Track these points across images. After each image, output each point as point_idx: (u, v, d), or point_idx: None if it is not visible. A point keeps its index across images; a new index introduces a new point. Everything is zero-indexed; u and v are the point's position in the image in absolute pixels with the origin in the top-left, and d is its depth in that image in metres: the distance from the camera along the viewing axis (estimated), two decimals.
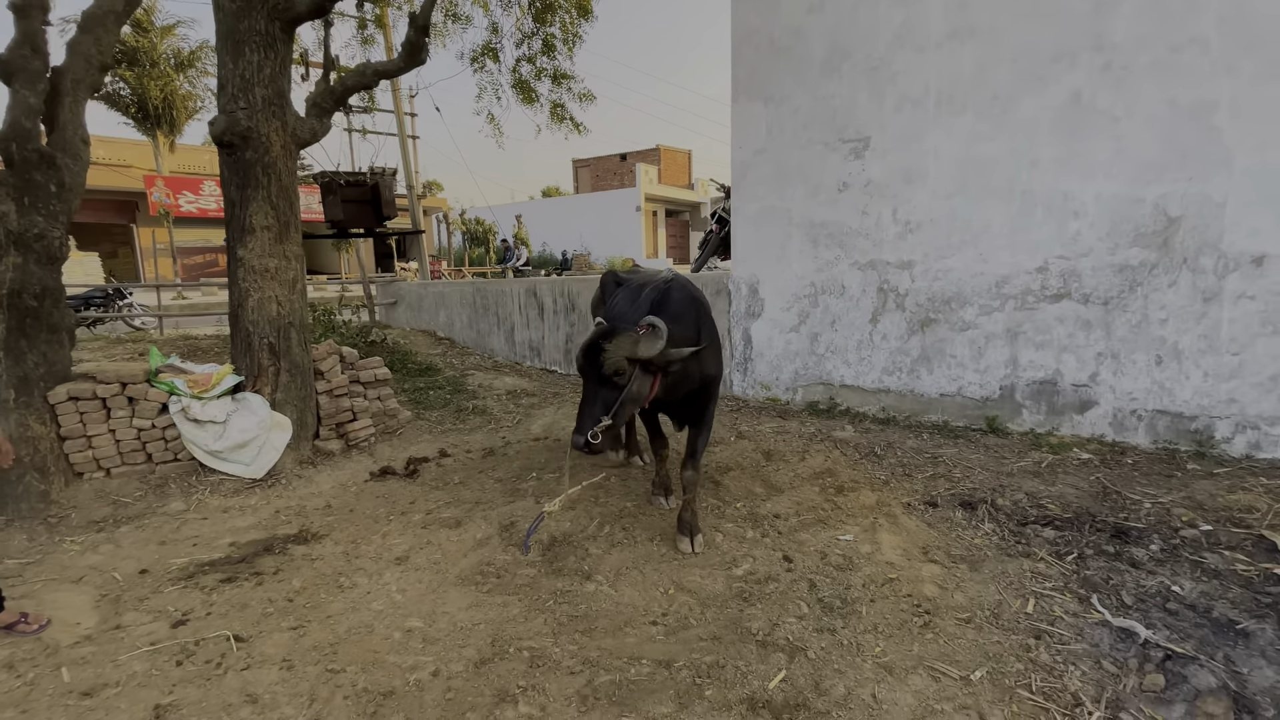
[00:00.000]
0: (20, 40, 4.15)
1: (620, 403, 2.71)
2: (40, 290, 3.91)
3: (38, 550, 3.37)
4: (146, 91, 19.32)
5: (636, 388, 2.76)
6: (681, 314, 3.02)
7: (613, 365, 2.69)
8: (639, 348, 2.68)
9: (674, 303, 3.02)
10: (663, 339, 2.71)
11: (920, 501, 3.65)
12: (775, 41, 5.30)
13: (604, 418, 2.69)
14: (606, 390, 2.73)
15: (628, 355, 2.68)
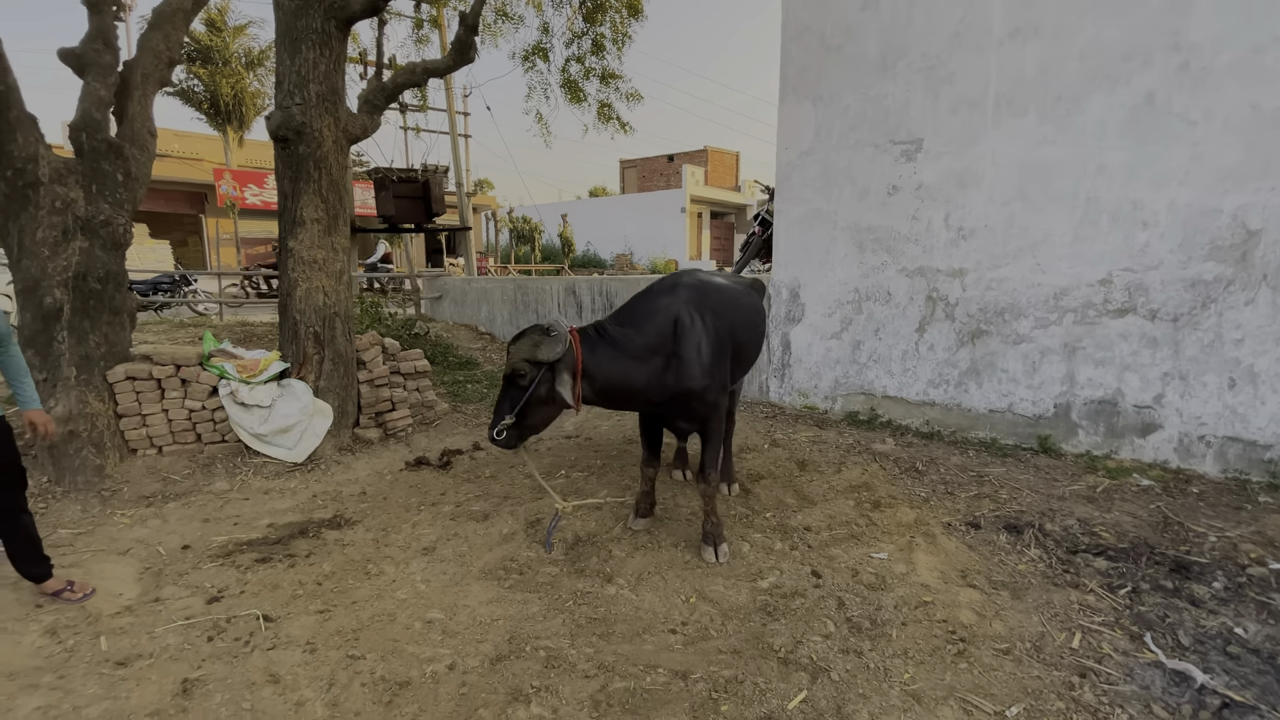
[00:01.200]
0: (93, 34, 4.39)
1: (526, 403, 2.76)
2: (104, 274, 4.12)
3: (90, 521, 3.55)
4: (218, 88, 20.32)
5: (545, 390, 2.77)
6: (642, 323, 2.98)
7: (511, 365, 2.80)
8: (538, 351, 2.72)
9: (637, 313, 3.04)
10: (561, 344, 2.73)
11: (962, 522, 3.48)
12: (826, 40, 5.16)
13: (508, 416, 2.78)
14: (513, 389, 2.82)
15: (525, 357, 2.74)
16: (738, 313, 3.28)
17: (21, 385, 2.72)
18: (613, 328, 2.96)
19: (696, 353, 2.96)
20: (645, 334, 2.93)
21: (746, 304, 3.44)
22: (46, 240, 3.90)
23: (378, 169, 9.68)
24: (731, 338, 3.16)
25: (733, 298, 3.31)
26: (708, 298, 3.13)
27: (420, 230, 10.17)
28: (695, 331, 2.98)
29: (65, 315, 3.93)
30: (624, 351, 2.88)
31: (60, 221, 3.96)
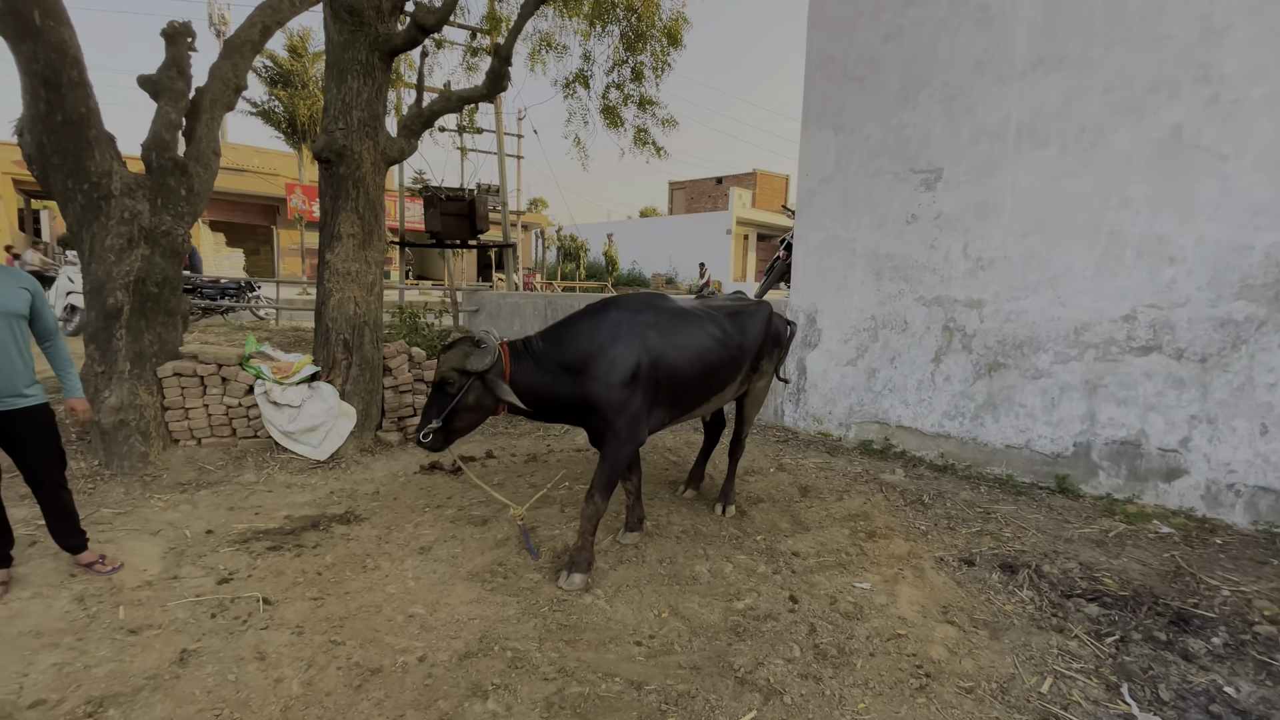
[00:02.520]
0: (169, 63, 4.87)
1: (453, 409, 2.88)
2: (161, 279, 4.52)
3: (130, 503, 3.88)
4: (296, 109, 21.77)
5: (472, 398, 2.89)
6: (563, 340, 3.05)
7: (441, 373, 2.91)
8: (467, 361, 2.84)
9: (564, 330, 3.10)
10: (490, 355, 2.85)
11: (956, 558, 3.40)
12: (849, 70, 5.20)
13: (435, 420, 2.90)
14: (441, 396, 2.94)
15: (455, 366, 2.87)
16: (681, 340, 3.15)
17: (67, 374, 2.96)
18: (538, 343, 3.06)
19: (606, 373, 2.95)
20: (563, 351, 3.01)
21: (705, 332, 3.27)
22: (113, 247, 4.33)
23: (427, 187, 10.20)
24: (661, 365, 3.04)
25: (680, 326, 3.19)
26: (640, 322, 3.07)
27: (464, 246, 10.61)
28: (611, 353, 2.96)
29: (125, 315, 4.34)
30: (543, 366, 3.00)
31: (126, 230, 4.38)
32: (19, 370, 2.73)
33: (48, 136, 4.05)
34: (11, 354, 2.69)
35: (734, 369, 3.44)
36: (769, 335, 3.70)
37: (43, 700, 2.16)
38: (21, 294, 2.74)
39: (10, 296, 2.70)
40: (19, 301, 2.72)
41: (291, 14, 6.12)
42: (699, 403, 3.39)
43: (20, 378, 2.74)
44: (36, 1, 3.69)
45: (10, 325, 2.68)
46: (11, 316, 2.68)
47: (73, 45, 3.97)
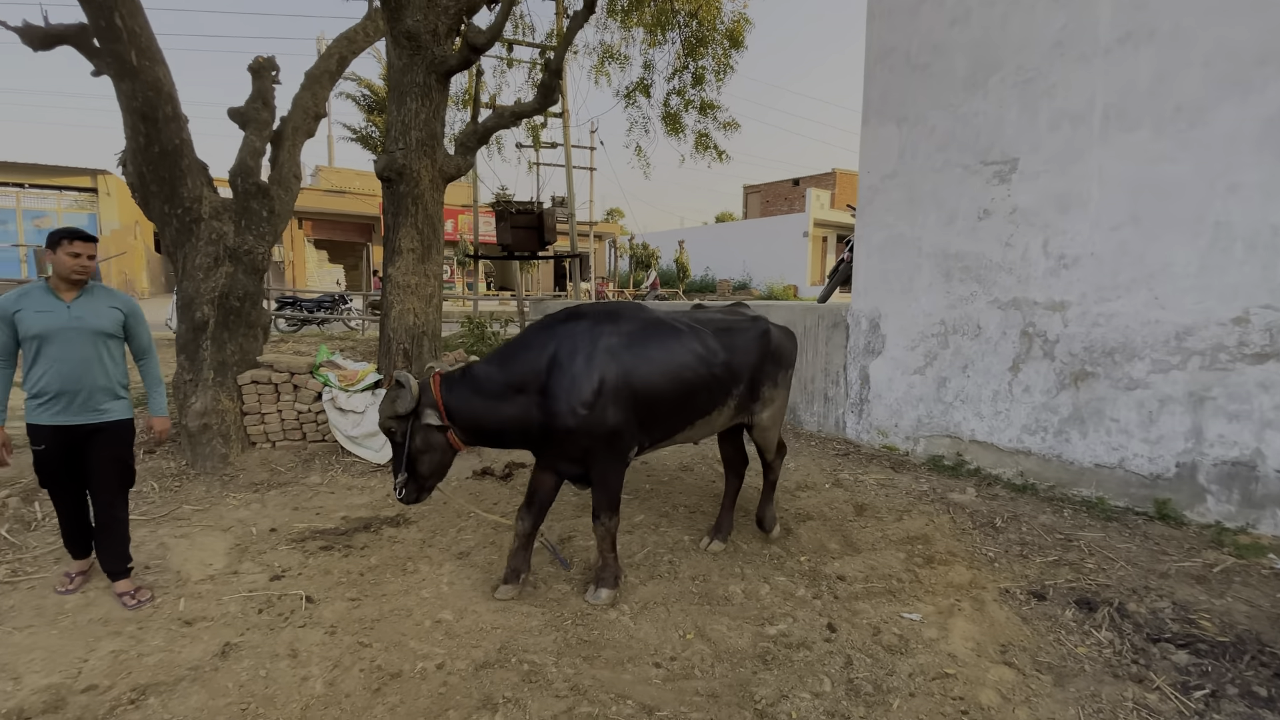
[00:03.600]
0: (254, 96, 5.31)
1: (409, 457, 2.77)
2: (244, 294, 4.91)
3: (209, 500, 4.20)
4: None
5: (420, 440, 2.76)
6: (509, 359, 2.86)
7: (381, 428, 2.84)
8: (396, 406, 2.74)
9: (512, 348, 2.93)
10: (408, 394, 2.72)
11: (1025, 590, 3.06)
12: (912, 59, 4.88)
13: (401, 473, 2.80)
14: (395, 448, 2.84)
15: (389, 415, 2.77)
16: (654, 353, 2.88)
17: (155, 393, 3.09)
18: (479, 366, 2.90)
19: (569, 393, 2.70)
20: (508, 370, 2.80)
21: (683, 346, 2.96)
22: (202, 265, 4.74)
23: (499, 201, 10.56)
24: (632, 381, 2.78)
25: (653, 339, 2.91)
26: (604, 333, 2.82)
27: (534, 257, 10.88)
28: (571, 370, 2.73)
29: (210, 328, 4.73)
30: (484, 390, 2.78)
31: (213, 250, 4.79)
32: (100, 385, 2.83)
33: (147, 167, 4.49)
34: (94, 370, 2.81)
35: (720, 391, 3.05)
36: (767, 355, 3.23)
37: (95, 685, 2.34)
38: (113, 314, 2.88)
39: (100, 316, 2.84)
40: (109, 321, 2.85)
41: (366, 44, 6.53)
42: (679, 427, 3.05)
43: (102, 393, 2.84)
44: (134, 43, 4.10)
45: (96, 342, 2.81)
46: (99, 335, 2.82)
47: (167, 82, 4.39)
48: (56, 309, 2.77)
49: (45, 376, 2.75)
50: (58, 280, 2.81)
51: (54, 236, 2.80)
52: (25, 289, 2.81)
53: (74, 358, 2.77)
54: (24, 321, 2.73)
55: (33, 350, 2.76)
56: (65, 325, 2.76)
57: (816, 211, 23.64)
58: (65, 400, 2.77)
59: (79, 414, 2.81)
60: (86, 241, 2.81)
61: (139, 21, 4.22)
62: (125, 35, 4.13)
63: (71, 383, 2.77)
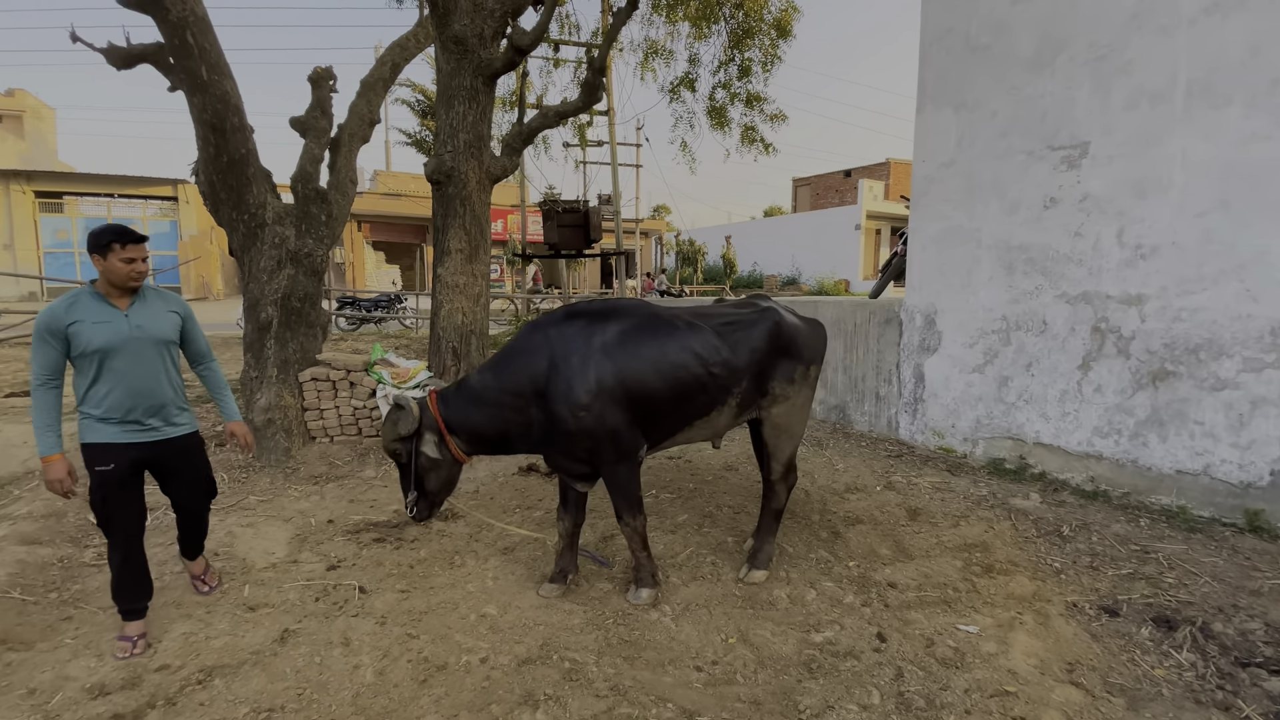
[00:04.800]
0: (314, 105, 5.53)
1: (416, 476, 2.78)
2: (304, 295, 5.13)
3: (272, 492, 4.42)
4: None
5: (425, 459, 2.76)
6: (502, 365, 2.83)
7: (385, 450, 2.84)
8: (398, 428, 2.72)
9: (505, 353, 2.89)
10: (410, 415, 2.70)
11: (1095, 605, 2.87)
12: (971, 40, 4.64)
13: (411, 492, 2.80)
14: (401, 469, 2.84)
15: (392, 439, 2.76)
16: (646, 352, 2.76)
17: (224, 398, 2.91)
18: (474, 377, 2.90)
19: (566, 393, 2.66)
20: (502, 376, 2.79)
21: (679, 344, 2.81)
22: (266, 268, 4.98)
23: (546, 200, 10.70)
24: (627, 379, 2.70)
25: (648, 337, 2.79)
26: (597, 331, 2.75)
27: (579, 255, 10.97)
28: (568, 370, 2.68)
29: (274, 327, 4.97)
30: (480, 400, 2.79)
31: (276, 254, 5.02)
32: (170, 397, 2.64)
33: (216, 175, 4.75)
34: (162, 381, 2.60)
35: (718, 391, 2.87)
36: (778, 349, 3.01)
37: (167, 665, 2.49)
38: (172, 319, 2.65)
39: (161, 322, 2.60)
40: (169, 326, 2.63)
41: (418, 50, 6.71)
42: (677, 428, 2.92)
43: (172, 405, 2.65)
44: (204, 59, 4.34)
45: (161, 352, 2.59)
46: (162, 343, 2.59)
47: (234, 95, 4.62)
48: (115, 319, 2.49)
49: (112, 395, 2.49)
50: (108, 285, 2.51)
51: (99, 238, 2.46)
52: (73, 297, 2.49)
53: (142, 371, 2.53)
54: (81, 335, 2.42)
55: (93, 366, 2.46)
56: (129, 336, 2.49)
57: (869, 203, 22.92)
58: (137, 418, 2.55)
59: (152, 431, 2.60)
60: (138, 244, 2.51)
61: (209, 39, 4.46)
62: (196, 52, 4.37)
63: (142, 398, 2.54)
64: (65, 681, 2.40)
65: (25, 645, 2.65)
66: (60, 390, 2.49)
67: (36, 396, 2.43)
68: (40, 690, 2.35)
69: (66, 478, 2.47)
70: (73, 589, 3.15)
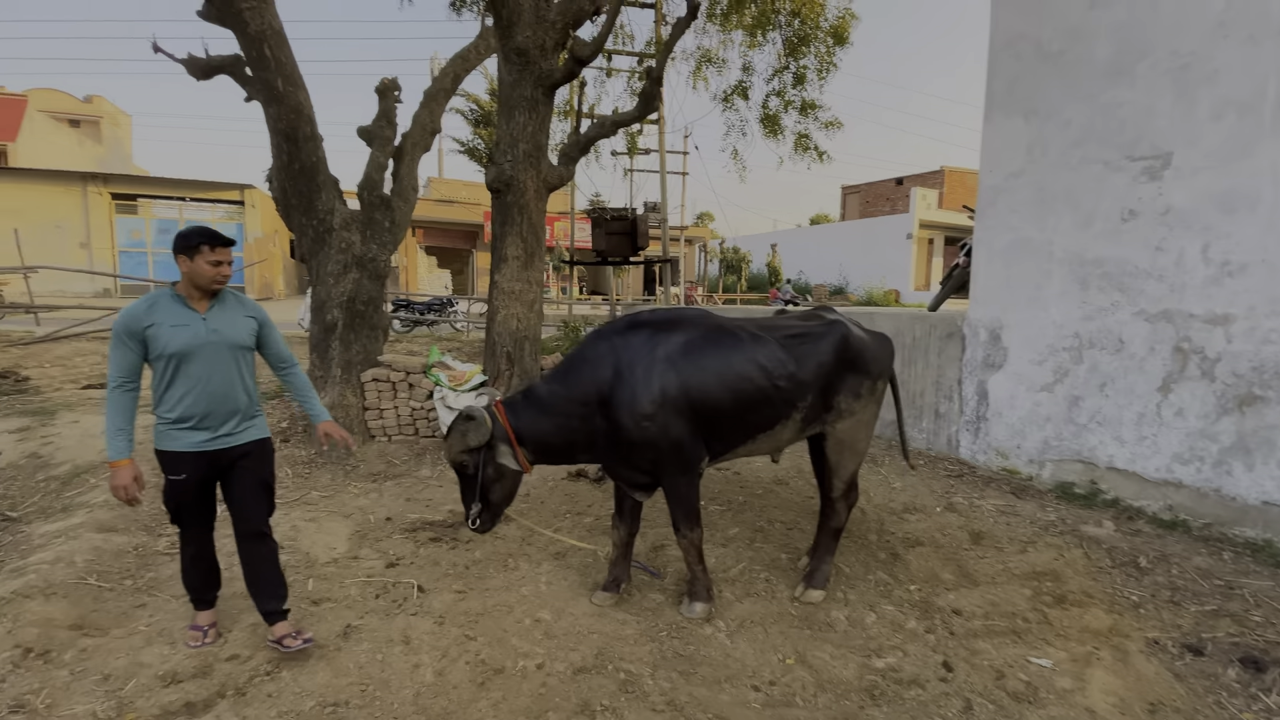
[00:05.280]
0: (380, 115, 5.72)
1: (481, 489, 2.74)
2: (368, 299, 5.29)
3: (333, 488, 4.55)
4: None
5: (491, 470, 2.72)
6: (569, 375, 2.81)
7: (452, 461, 2.78)
8: (468, 439, 2.68)
9: (571, 363, 2.86)
10: (483, 427, 2.65)
11: (1177, 642, 2.70)
12: (1044, 47, 4.47)
13: (475, 504, 2.76)
14: (466, 481, 2.80)
15: (460, 450, 2.72)
16: (711, 363, 2.74)
17: (311, 400, 2.83)
18: (540, 387, 2.88)
19: (629, 403, 2.65)
20: (570, 386, 2.77)
21: (744, 356, 2.78)
22: (332, 272, 5.16)
23: (594, 208, 10.80)
24: (690, 390, 2.68)
25: (713, 347, 2.77)
26: (662, 342, 2.73)
27: (626, 262, 11.02)
28: (632, 380, 2.67)
29: (339, 329, 5.14)
30: (550, 410, 2.77)
31: (343, 258, 5.20)
32: (244, 403, 2.58)
33: (289, 182, 4.95)
34: (236, 387, 2.55)
35: (782, 404, 2.82)
36: (845, 363, 2.93)
37: (237, 655, 2.58)
38: (248, 324, 2.60)
39: (237, 327, 2.55)
40: (245, 332, 2.58)
41: (478, 61, 6.87)
42: (740, 440, 2.88)
43: (244, 411, 2.59)
44: (280, 71, 4.53)
45: (236, 357, 2.55)
46: (238, 348, 2.55)
47: (307, 106, 4.81)
48: (193, 322, 2.45)
49: (187, 399, 2.44)
50: (190, 288, 2.48)
51: (188, 240, 2.42)
52: (153, 298, 2.47)
53: (217, 376, 2.48)
54: (159, 338, 2.39)
55: (169, 370, 2.43)
56: (205, 340, 2.45)
57: (922, 212, 22.36)
58: (212, 424, 2.49)
59: (226, 438, 2.54)
60: (226, 247, 2.48)
61: (285, 52, 4.66)
62: (273, 64, 4.58)
63: (217, 403, 2.48)
64: (139, 668, 2.49)
65: (101, 631, 2.78)
66: (136, 393, 2.45)
67: (112, 399, 2.41)
68: (115, 676, 2.44)
69: (132, 484, 2.43)
70: (146, 576, 3.30)
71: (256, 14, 4.48)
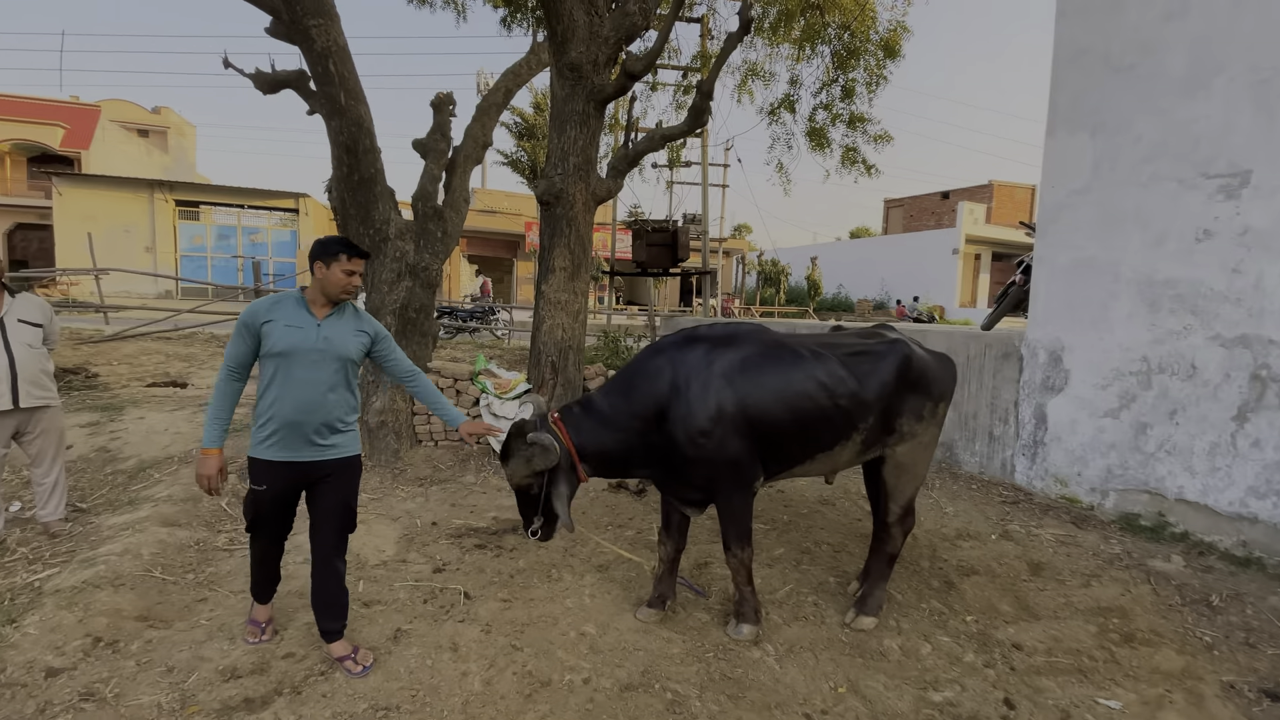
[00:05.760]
0: (435, 128, 5.86)
1: (545, 502, 2.70)
2: (419, 306, 5.41)
3: (382, 491, 4.64)
4: (537, 157, 24.88)
5: (557, 488, 2.66)
6: (628, 388, 2.77)
7: (517, 485, 2.73)
8: (533, 464, 2.61)
9: (629, 374, 2.83)
10: (550, 451, 2.57)
11: (1254, 687, 2.54)
12: (1112, 60, 4.32)
13: (536, 519, 2.73)
14: (528, 499, 2.74)
15: (525, 475, 2.66)
16: (770, 380, 2.69)
17: (444, 406, 2.76)
18: (600, 400, 2.81)
19: (686, 418, 2.62)
20: (634, 400, 2.72)
21: (804, 373, 2.73)
22: (386, 280, 5.29)
23: (635, 220, 10.85)
24: (749, 407, 2.64)
25: (771, 364, 2.72)
26: (720, 357, 2.70)
27: (666, 274, 11.03)
28: (689, 396, 2.63)
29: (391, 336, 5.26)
30: (610, 423, 2.73)
31: (397, 267, 5.33)
32: (338, 416, 2.50)
33: (348, 193, 5.11)
34: (333, 397, 2.48)
35: (843, 424, 2.75)
36: (907, 384, 2.85)
37: (292, 654, 2.64)
38: (359, 339, 2.54)
39: (347, 340, 2.50)
40: (355, 346, 2.52)
41: (529, 75, 7.01)
42: (797, 460, 2.82)
43: (335, 426, 2.50)
44: (343, 85, 4.70)
45: (340, 368, 2.49)
46: (344, 360, 2.49)
47: (367, 119, 4.97)
48: (307, 326, 2.43)
49: (279, 403, 2.41)
50: (317, 294, 2.48)
51: (328, 247, 2.43)
52: (279, 297, 2.49)
53: (317, 383, 2.43)
54: (271, 335, 2.39)
55: (270, 371, 2.42)
56: (312, 346, 2.42)
57: (969, 227, 21.82)
58: (297, 433, 2.43)
59: (315, 449, 2.47)
60: (361, 258, 2.49)
61: (348, 67, 4.83)
62: (337, 79, 4.75)
63: (310, 413, 2.43)
64: (200, 662, 2.57)
65: (165, 623, 2.88)
66: (241, 386, 2.48)
67: (219, 385, 2.45)
68: (178, 669, 2.52)
69: (216, 475, 2.43)
70: (207, 571, 3.42)
71: (323, 31, 4.65)
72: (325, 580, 2.58)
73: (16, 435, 3.70)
